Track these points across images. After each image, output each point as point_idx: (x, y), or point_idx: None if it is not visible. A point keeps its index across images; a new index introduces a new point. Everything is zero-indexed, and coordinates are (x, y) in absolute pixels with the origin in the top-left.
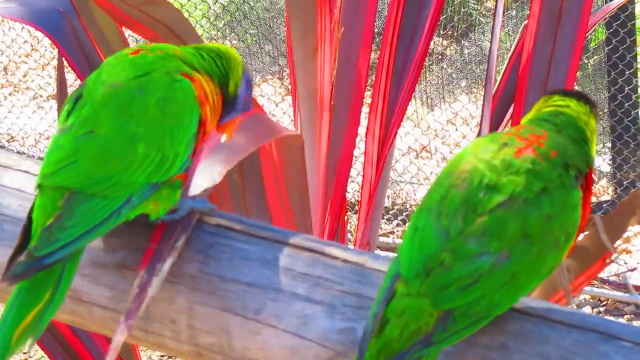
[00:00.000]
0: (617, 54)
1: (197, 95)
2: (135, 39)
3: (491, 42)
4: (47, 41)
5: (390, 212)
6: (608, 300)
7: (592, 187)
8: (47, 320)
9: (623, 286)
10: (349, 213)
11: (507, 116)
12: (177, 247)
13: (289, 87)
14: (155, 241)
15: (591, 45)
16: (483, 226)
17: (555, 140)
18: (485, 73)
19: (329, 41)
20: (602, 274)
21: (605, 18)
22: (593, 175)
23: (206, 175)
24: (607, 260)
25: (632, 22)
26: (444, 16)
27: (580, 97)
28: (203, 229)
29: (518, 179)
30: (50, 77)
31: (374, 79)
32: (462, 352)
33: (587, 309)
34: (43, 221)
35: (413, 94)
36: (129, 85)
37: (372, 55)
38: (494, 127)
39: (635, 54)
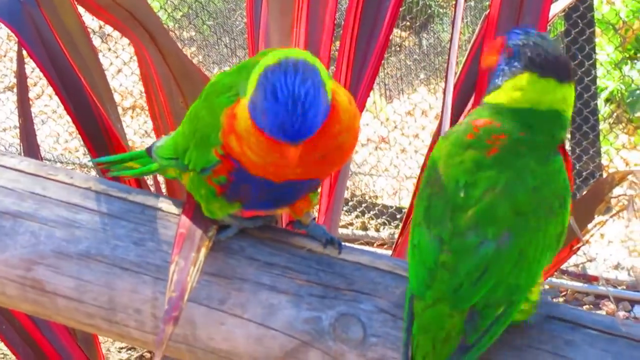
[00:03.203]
0: (577, 45)
1: (224, 121)
2: (93, 30)
3: (452, 32)
4: (3, 32)
5: (350, 204)
6: (567, 290)
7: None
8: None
9: (582, 276)
10: None
11: (468, 107)
12: (209, 236)
13: None
14: (184, 228)
15: (551, 36)
16: (474, 217)
17: (520, 137)
18: (444, 64)
19: (304, 22)
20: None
21: (565, 9)
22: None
23: None
24: (574, 248)
25: (591, 14)
26: (403, 7)
27: (557, 72)
28: (168, 219)
29: (491, 172)
30: (7, 69)
31: (334, 70)
32: None
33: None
34: None
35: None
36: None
37: (333, 47)
38: (455, 117)
39: (594, 46)
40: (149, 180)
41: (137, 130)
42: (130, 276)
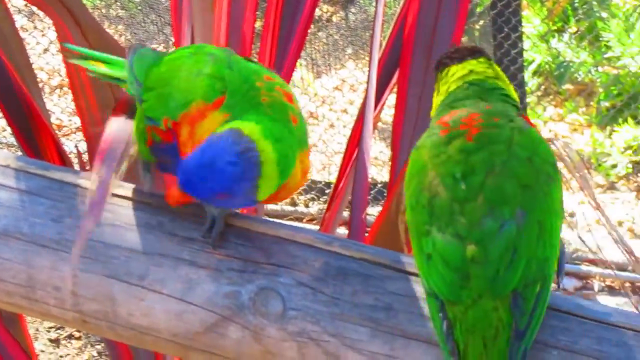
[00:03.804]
0: (503, 18)
1: (193, 109)
2: (19, 9)
3: (376, 5)
4: None
5: None
6: None
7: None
8: None
9: None
10: None
11: (393, 80)
12: (129, 153)
13: None
14: (106, 143)
15: (477, 9)
16: (486, 203)
17: (486, 109)
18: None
19: None
20: None
21: None
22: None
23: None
24: None
25: None
26: None
27: (472, 53)
28: (87, 195)
29: (484, 154)
30: None
31: (259, 46)
32: (347, 314)
33: None
34: None
35: (300, 62)
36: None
37: (257, 23)
38: (380, 92)
39: (520, 18)
40: (75, 159)
41: (65, 108)
42: (49, 253)
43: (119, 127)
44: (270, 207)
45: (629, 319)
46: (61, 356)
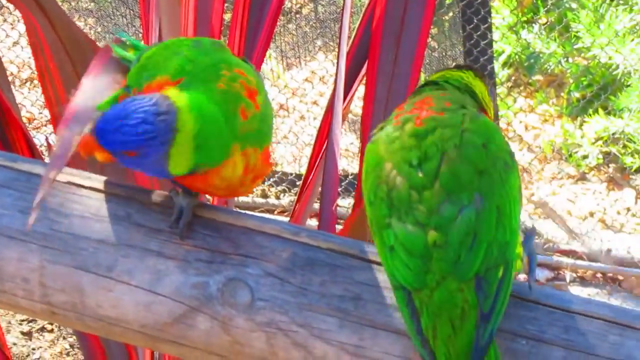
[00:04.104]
0: (472, 9)
1: (156, 82)
2: None
3: None
4: None
5: None
6: None
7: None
8: None
9: None
10: None
11: (362, 72)
12: (94, 116)
13: None
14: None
15: (446, 1)
16: (443, 189)
17: (441, 96)
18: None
19: None
20: None
21: None
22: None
23: None
24: None
25: None
26: None
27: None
28: (54, 187)
29: (434, 138)
30: None
31: (227, 39)
32: (315, 304)
33: None
34: None
35: (269, 53)
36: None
37: (226, 15)
38: (349, 83)
39: (490, 9)
40: (46, 152)
41: (35, 101)
42: (17, 245)
43: (91, 89)
44: (242, 199)
45: (596, 308)
46: (33, 349)
